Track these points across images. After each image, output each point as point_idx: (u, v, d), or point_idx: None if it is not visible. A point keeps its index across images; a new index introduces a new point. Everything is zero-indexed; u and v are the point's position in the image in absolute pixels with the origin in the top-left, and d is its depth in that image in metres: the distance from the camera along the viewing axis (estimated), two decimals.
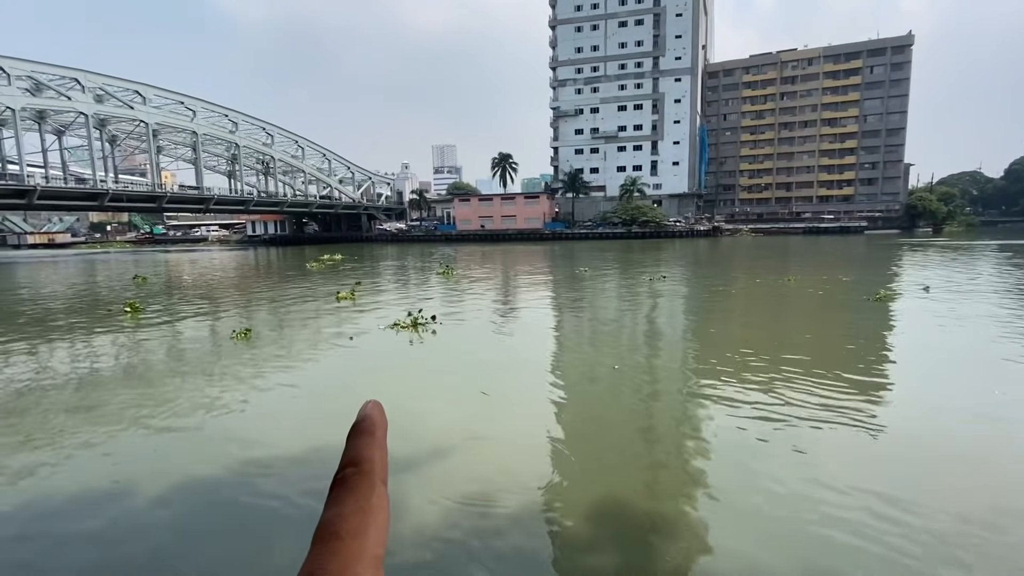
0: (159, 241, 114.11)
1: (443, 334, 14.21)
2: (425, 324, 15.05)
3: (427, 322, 15.23)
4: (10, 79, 50.80)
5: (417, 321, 15.12)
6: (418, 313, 15.78)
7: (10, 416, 8.76)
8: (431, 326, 14.93)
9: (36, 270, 45.45)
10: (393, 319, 15.67)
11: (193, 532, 5.28)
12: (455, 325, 15.70)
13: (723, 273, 30.53)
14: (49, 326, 17.33)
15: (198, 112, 68.59)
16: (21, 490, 6.24)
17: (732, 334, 14.28)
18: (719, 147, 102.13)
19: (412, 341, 13.40)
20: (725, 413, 8.23)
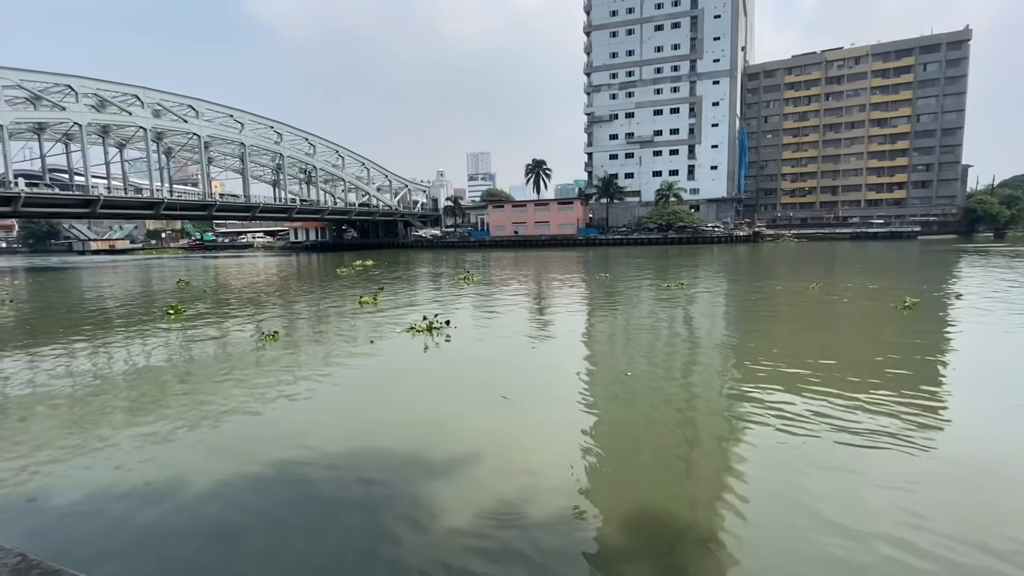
0: (209, 247, 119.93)
1: (457, 338, 14.37)
2: (440, 328, 15.25)
3: (442, 326, 15.43)
4: (78, 96, 54.81)
5: (432, 325, 15.33)
6: (433, 318, 16.04)
7: (73, 407, 9.44)
8: (445, 330, 15.12)
9: (97, 274, 48.62)
10: (410, 323, 15.93)
11: (239, 528, 5.39)
12: (469, 329, 15.84)
13: (748, 279, 29.63)
14: (105, 326, 18.59)
15: (246, 124, 71.99)
16: (86, 479, 6.72)
17: (734, 343, 13.83)
18: (760, 150, 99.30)
19: (427, 345, 13.59)
20: (754, 423, 8.04)
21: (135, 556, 4.90)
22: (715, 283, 27.68)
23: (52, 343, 15.19)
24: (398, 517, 5.40)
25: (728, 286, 26.58)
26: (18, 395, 10.01)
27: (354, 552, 4.89)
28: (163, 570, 4.71)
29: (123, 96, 59.46)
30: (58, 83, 54.00)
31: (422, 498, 5.75)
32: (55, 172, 67.75)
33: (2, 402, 9.57)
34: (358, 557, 4.80)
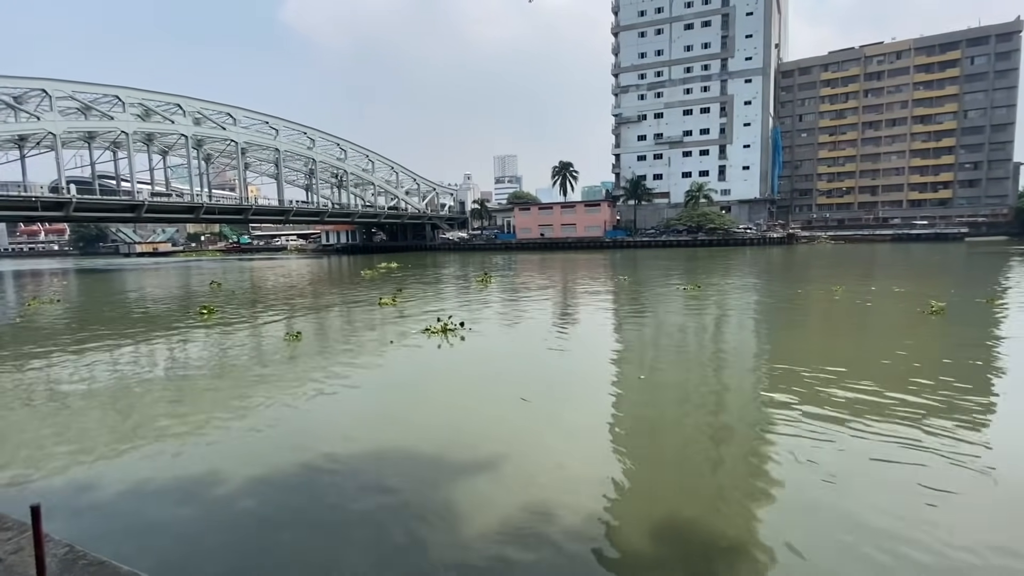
0: (245, 250, 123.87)
1: (472, 340, 14.60)
2: (455, 330, 15.52)
3: (456, 328, 15.69)
4: (125, 106, 57.57)
5: (447, 327, 15.62)
6: (448, 319, 16.33)
7: (115, 403, 10.00)
8: (460, 332, 15.38)
9: (140, 276, 50.95)
10: (427, 324, 16.25)
11: (273, 522, 5.62)
12: (484, 331, 16.03)
13: (774, 281, 28.93)
14: (143, 324, 19.60)
15: (280, 131, 74.20)
16: (126, 474, 7.14)
17: (746, 346, 13.54)
18: (794, 150, 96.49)
19: (441, 346, 13.86)
20: (779, 429, 7.91)
21: (173, 549, 5.19)
22: (737, 286, 27.19)
23: (94, 341, 16.11)
24: (425, 517, 5.55)
25: (749, 289, 26.12)
26: (63, 390, 10.66)
27: (384, 550, 5.05)
28: (200, 562, 4.98)
29: (166, 105, 62.14)
30: (107, 94, 56.84)
31: (449, 499, 5.89)
32: (103, 178, 71.23)
33: (49, 397, 10.21)
34: (388, 555, 4.97)
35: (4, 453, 7.50)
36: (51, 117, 52.14)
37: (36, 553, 1.63)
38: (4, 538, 2.66)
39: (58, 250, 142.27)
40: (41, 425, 8.70)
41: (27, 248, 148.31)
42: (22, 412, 9.42)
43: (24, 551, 2.55)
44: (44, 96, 52.02)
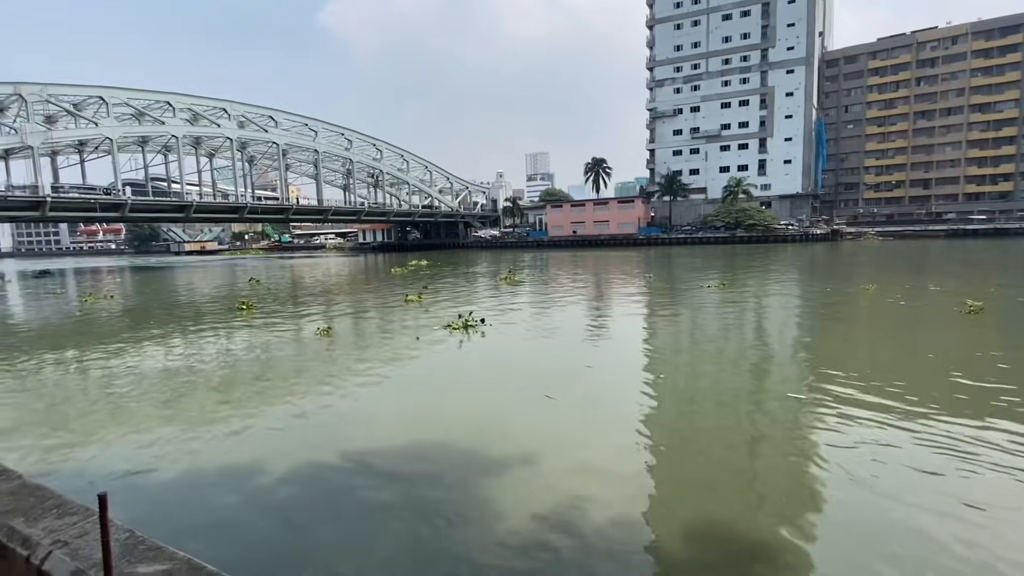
0: (286, 248, 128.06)
1: (493, 336, 14.83)
2: (475, 326, 15.78)
3: (477, 324, 15.95)
4: (175, 111, 60.43)
5: (468, 323, 15.92)
6: (469, 316, 16.63)
7: (166, 393, 10.61)
8: (481, 328, 15.64)
9: (188, 273, 53.50)
10: (449, 321, 16.59)
11: (313, 512, 5.87)
12: (505, 328, 16.23)
13: (809, 280, 27.91)
14: (188, 319, 20.72)
15: (319, 132, 76.32)
16: (176, 462, 7.61)
17: (770, 347, 13.12)
18: (839, 142, 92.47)
19: (463, 342, 14.14)
20: (811, 434, 7.72)
21: (218, 534, 5.53)
22: (767, 284, 26.63)
23: (144, 334, 17.21)
24: (458, 512, 5.71)
25: (779, 286, 25.61)
26: (118, 381, 11.37)
27: (418, 543, 5.23)
28: (243, 548, 5.28)
29: (212, 109, 64.89)
30: (158, 100, 59.81)
31: (482, 495, 6.04)
32: (155, 180, 75.02)
33: (107, 386, 10.92)
34: (422, 548, 5.14)
35: (66, 440, 8.09)
36: (108, 123, 55.29)
37: (103, 539, 1.82)
38: (70, 523, 2.92)
39: (114, 249, 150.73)
40: (99, 413, 9.36)
41: (87, 247, 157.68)
42: (82, 401, 10.14)
43: (88, 535, 2.79)
44: (101, 103, 55.17)
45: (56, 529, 2.85)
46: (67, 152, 63.66)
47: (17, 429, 8.69)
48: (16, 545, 2.79)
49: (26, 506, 3.14)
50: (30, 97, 48.84)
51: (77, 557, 2.56)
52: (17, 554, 2.75)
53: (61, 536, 2.77)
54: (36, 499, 3.23)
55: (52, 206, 49.31)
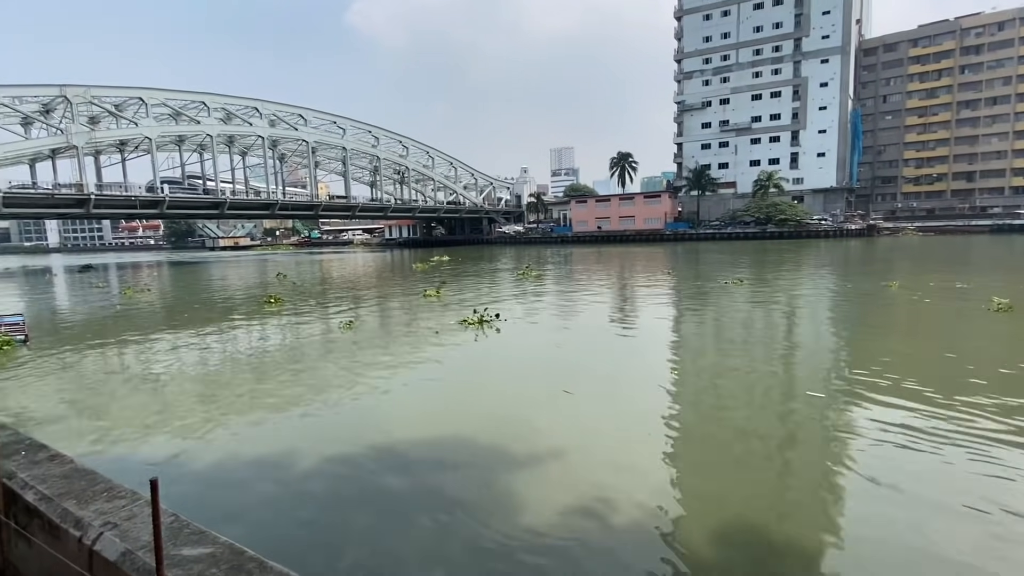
0: (315, 244, 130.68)
1: (507, 331, 14.97)
2: (490, 322, 15.95)
3: (492, 320, 16.11)
4: (209, 111, 62.21)
5: (483, 319, 16.06)
6: (484, 311, 16.77)
7: (197, 383, 11.00)
8: (496, 323, 15.81)
9: (222, 268, 55.14)
10: (465, 316, 16.81)
11: (344, 502, 6.04)
12: (519, 323, 16.38)
13: (831, 276, 27.05)
14: (219, 312, 21.47)
15: (347, 130, 77.48)
16: (214, 449, 7.90)
17: (785, 343, 12.73)
18: (876, 134, 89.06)
19: (477, 337, 14.32)
20: (830, 433, 7.52)
21: (255, 520, 5.72)
22: (789, 280, 26.08)
23: (178, 325, 17.91)
24: (482, 505, 5.78)
25: (799, 282, 25.07)
26: (157, 370, 11.83)
27: (448, 534, 5.32)
28: (278, 534, 5.46)
29: (245, 109, 66.56)
30: (194, 100, 61.66)
31: (504, 488, 6.11)
32: (191, 178, 77.42)
33: (143, 376, 11.37)
34: (450, 539, 5.23)
35: (111, 426, 8.47)
36: (147, 123, 57.27)
37: (154, 523, 1.91)
38: (119, 506, 3.04)
39: (153, 244, 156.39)
40: (141, 401, 9.77)
41: (127, 243, 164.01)
42: (125, 389, 10.59)
43: (136, 518, 2.91)
44: (141, 104, 57.17)
45: (106, 512, 3.00)
46: (109, 151, 66.20)
47: (66, 416, 9.15)
48: (69, 526, 2.94)
49: (77, 489, 3.31)
50: (75, 99, 50.95)
51: (127, 539, 2.69)
52: (70, 535, 2.91)
53: (111, 518, 2.91)
54: (87, 482, 3.40)
55: (96, 203, 51.39)
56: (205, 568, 2.38)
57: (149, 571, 2.38)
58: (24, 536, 3.24)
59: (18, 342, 14.99)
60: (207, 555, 2.48)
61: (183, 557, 2.46)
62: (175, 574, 2.32)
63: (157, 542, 1.95)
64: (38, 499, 3.20)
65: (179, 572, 2.36)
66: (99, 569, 2.67)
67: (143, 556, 2.49)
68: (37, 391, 10.70)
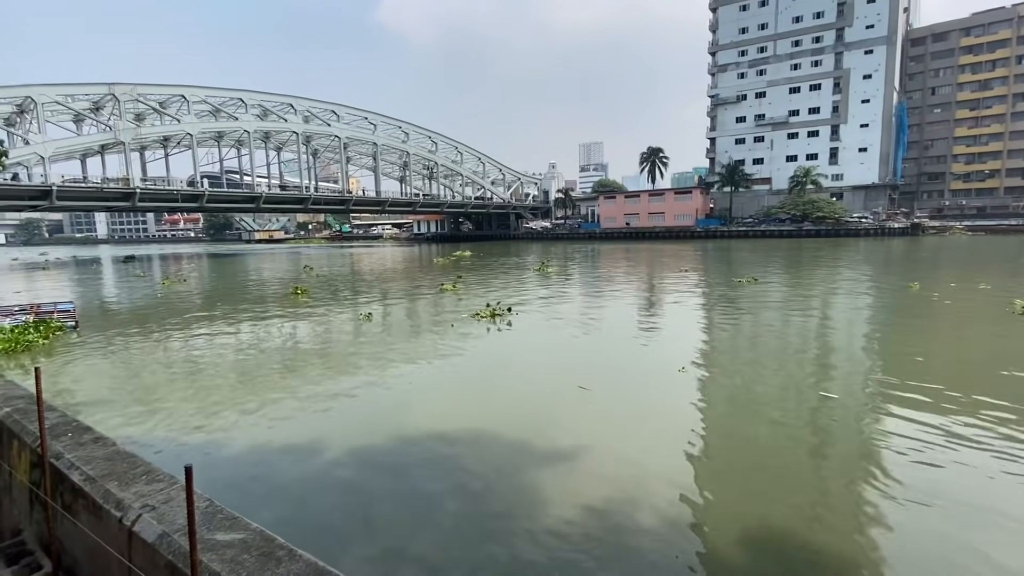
0: (346, 238, 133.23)
1: (519, 325, 15.16)
2: (502, 315, 16.18)
3: (504, 313, 16.35)
4: (247, 107, 63.96)
5: (495, 312, 16.31)
6: (496, 305, 17.07)
7: (238, 379, 11.35)
8: (507, 317, 16.05)
9: (256, 260, 56.82)
10: (478, 309, 17.08)
11: (369, 491, 6.13)
12: (531, 317, 16.51)
13: (862, 277, 25.94)
14: (250, 302, 22.22)
15: (378, 126, 78.54)
16: (245, 436, 8.14)
17: (798, 342, 12.19)
18: (923, 128, 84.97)
19: (489, 329, 14.58)
20: (844, 434, 7.21)
21: (284, 505, 5.87)
22: (810, 279, 25.30)
23: (213, 315, 18.61)
24: (503, 500, 5.79)
25: (818, 282, 24.39)
26: (190, 357, 12.27)
27: (467, 531, 5.35)
28: (307, 520, 5.58)
29: (280, 105, 68.19)
30: (232, 97, 63.51)
31: (523, 482, 6.10)
32: (229, 173, 79.89)
33: (180, 362, 11.79)
34: (472, 537, 5.26)
35: (150, 410, 8.82)
36: (189, 120, 59.34)
37: (188, 508, 1.96)
38: (157, 488, 3.14)
39: (193, 236, 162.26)
40: (178, 386, 10.17)
41: (169, 235, 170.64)
42: (163, 375, 11.02)
43: (173, 502, 3.00)
44: (183, 101, 59.23)
45: (145, 494, 3.10)
46: (153, 147, 68.85)
47: (110, 399, 9.57)
48: (111, 507, 3.06)
49: (119, 471, 3.44)
50: (122, 96, 53.14)
51: (163, 521, 2.78)
52: (111, 515, 3.02)
53: (149, 501, 3.02)
54: (128, 465, 3.53)
55: (141, 197, 53.59)
56: (237, 553, 2.43)
57: (184, 554, 2.45)
58: (69, 514, 3.39)
59: (69, 328, 15.78)
60: (239, 540, 2.53)
61: (216, 542, 2.52)
62: (208, 558, 2.38)
63: (191, 527, 2.00)
64: (83, 479, 3.35)
65: (212, 556, 2.42)
66: (137, 549, 2.77)
67: (179, 539, 2.57)
68: (84, 375, 11.24)
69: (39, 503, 3.77)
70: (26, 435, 4.06)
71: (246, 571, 2.29)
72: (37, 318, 15.63)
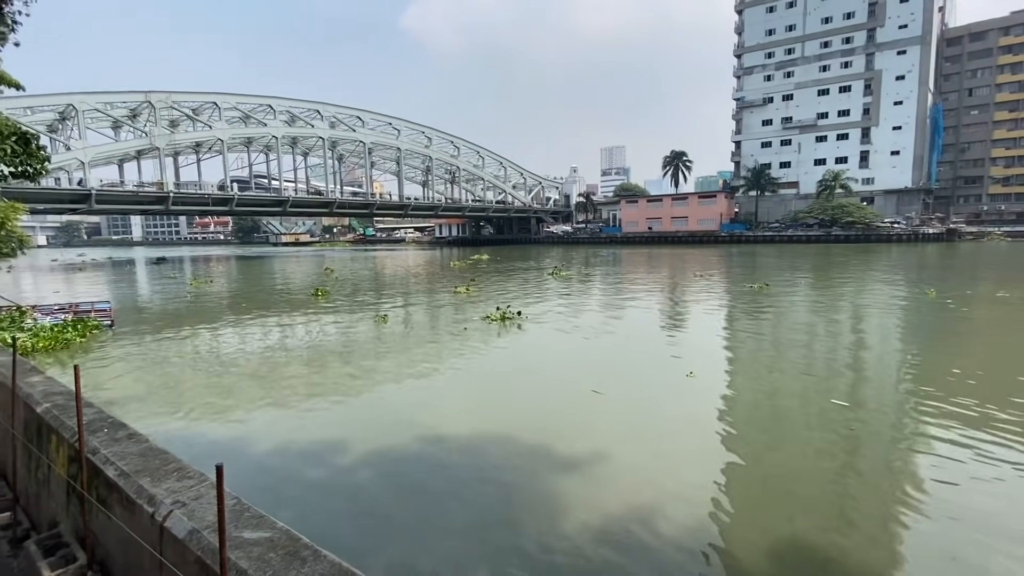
0: (369, 241, 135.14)
1: (529, 328, 15.26)
2: (512, 318, 16.32)
3: (514, 316, 16.51)
4: (275, 113, 65.54)
5: (505, 315, 16.46)
6: (506, 308, 17.22)
7: (261, 378, 11.58)
8: (517, 320, 16.21)
9: (284, 262, 58.00)
10: (488, 312, 17.27)
11: (389, 493, 6.20)
12: (542, 321, 16.59)
13: (885, 282, 25.12)
14: (272, 303, 22.74)
15: (401, 131, 79.60)
16: (270, 437, 8.29)
17: (805, 346, 11.74)
18: (959, 130, 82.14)
19: (499, 332, 14.71)
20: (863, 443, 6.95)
21: (306, 505, 5.96)
22: (825, 285, 24.68)
23: (239, 315, 19.10)
24: (522, 505, 5.75)
25: (830, 288, 23.97)
26: (216, 355, 12.56)
27: (490, 529, 5.36)
28: (328, 519, 5.65)
29: (308, 111, 69.71)
30: (261, 103, 65.21)
31: (545, 491, 6.04)
32: (257, 177, 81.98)
33: (207, 360, 12.08)
34: (493, 534, 5.26)
35: (179, 408, 9.06)
36: (220, 126, 61.10)
37: (219, 506, 2.00)
38: (187, 486, 3.22)
39: (222, 239, 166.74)
40: (205, 384, 10.47)
41: (200, 237, 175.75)
42: (192, 373, 11.34)
43: (202, 499, 3.07)
44: (215, 108, 61.04)
45: (176, 491, 3.18)
46: (186, 152, 71.10)
47: (142, 396, 9.87)
48: (143, 502, 3.14)
49: (151, 467, 3.54)
50: (158, 104, 55.06)
51: (193, 518, 2.84)
52: (144, 510, 3.11)
53: (180, 497, 3.09)
54: (160, 462, 3.63)
55: (174, 200, 55.35)
56: (263, 552, 2.47)
57: (212, 551, 2.50)
58: (104, 508, 3.50)
59: (105, 326, 16.35)
60: (265, 539, 2.58)
61: (243, 540, 2.56)
62: (236, 555, 2.42)
63: (221, 524, 2.05)
64: (117, 475, 3.45)
65: (240, 553, 2.47)
66: (168, 544, 2.84)
67: (208, 536, 2.62)
68: (119, 372, 11.62)
69: (75, 497, 3.90)
70: (64, 430, 4.21)
71: (272, 570, 2.33)
72: (75, 317, 16.23)
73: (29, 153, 13.21)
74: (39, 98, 48.74)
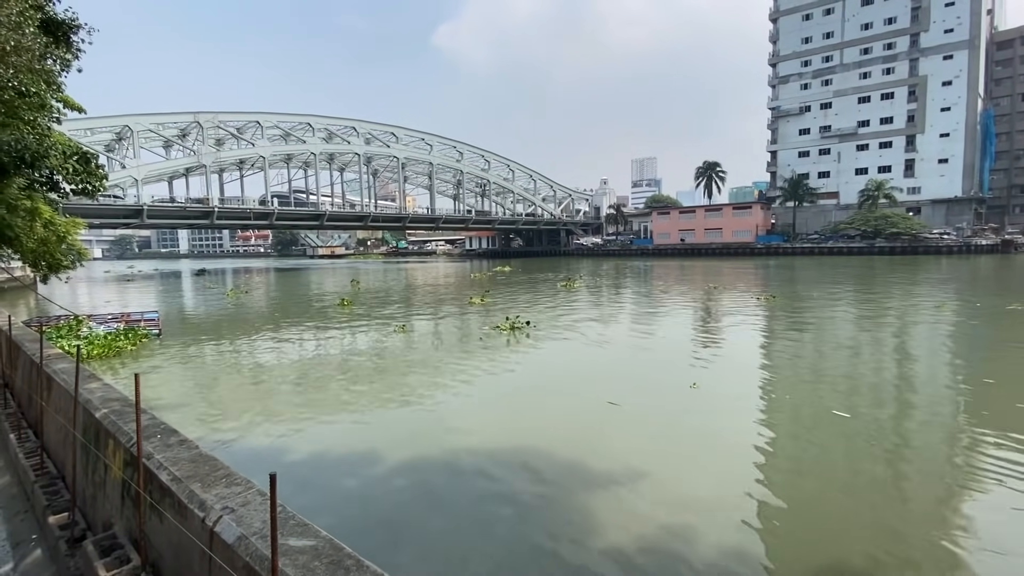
0: (401, 253, 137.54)
1: (538, 338, 15.36)
2: (521, 328, 16.53)
3: (523, 326, 16.73)
4: (314, 131, 67.93)
5: (514, 325, 16.69)
6: (516, 318, 17.53)
7: (301, 385, 11.88)
8: (526, 330, 16.39)
9: (320, 274, 59.64)
10: (499, 322, 17.53)
11: (423, 504, 6.22)
12: (551, 331, 16.70)
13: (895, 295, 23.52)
14: (301, 313, 23.49)
15: (434, 146, 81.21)
16: (306, 445, 8.49)
17: (810, 358, 11.07)
18: (1012, 137, 78.05)
19: (509, 341, 14.92)
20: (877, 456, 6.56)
21: (342, 512, 6.09)
22: (820, 299, 23.43)
23: (274, 324, 19.91)
24: (553, 517, 5.69)
25: (847, 300, 23.27)
26: (253, 363, 12.95)
27: (521, 544, 5.32)
28: (364, 526, 5.75)
29: (344, 128, 72.00)
30: (301, 121, 67.74)
31: (574, 506, 5.96)
32: (296, 192, 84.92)
33: (246, 368, 12.47)
34: (523, 549, 5.22)
35: (222, 414, 9.37)
36: (262, 144, 63.73)
37: (271, 514, 2.07)
38: (235, 492, 3.32)
39: (263, 252, 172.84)
40: (246, 392, 10.83)
41: (241, 250, 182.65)
42: (233, 380, 11.75)
43: (249, 505, 3.16)
44: (257, 127, 63.73)
45: (225, 497, 3.30)
46: (230, 169, 74.33)
47: (188, 403, 10.26)
48: (194, 507, 3.27)
49: (202, 473, 3.67)
50: (205, 124, 57.91)
51: (242, 524, 2.93)
52: (195, 515, 3.23)
53: (229, 503, 3.20)
54: (210, 468, 3.77)
55: (218, 215, 57.87)
56: (309, 560, 2.53)
57: (259, 557, 2.57)
58: (157, 511, 3.65)
59: (154, 335, 17.13)
60: (310, 547, 2.64)
61: (289, 547, 2.63)
62: (282, 562, 2.49)
63: (273, 532, 2.11)
64: (170, 479, 3.60)
65: (286, 560, 2.53)
66: (218, 549, 2.93)
67: (256, 542, 2.70)
68: (168, 379, 12.13)
69: (130, 500, 4.08)
70: (121, 435, 4.42)
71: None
72: (127, 326, 17.07)
73: (89, 172, 14.08)
74: (98, 120, 51.93)
